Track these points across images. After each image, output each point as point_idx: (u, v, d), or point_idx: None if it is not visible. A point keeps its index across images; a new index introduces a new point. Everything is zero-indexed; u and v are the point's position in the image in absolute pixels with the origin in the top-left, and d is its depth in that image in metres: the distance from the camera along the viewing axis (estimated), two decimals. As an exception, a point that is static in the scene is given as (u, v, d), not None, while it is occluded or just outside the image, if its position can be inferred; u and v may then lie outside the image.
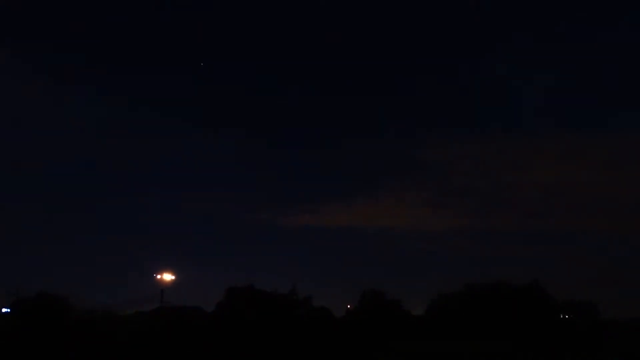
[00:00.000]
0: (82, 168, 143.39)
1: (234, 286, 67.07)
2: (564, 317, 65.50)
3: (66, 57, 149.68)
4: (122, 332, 52.83)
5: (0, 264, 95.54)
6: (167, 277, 68.90)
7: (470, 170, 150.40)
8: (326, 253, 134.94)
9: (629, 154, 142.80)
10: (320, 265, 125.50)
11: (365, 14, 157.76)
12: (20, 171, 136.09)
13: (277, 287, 66.02)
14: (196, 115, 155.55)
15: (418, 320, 65.03)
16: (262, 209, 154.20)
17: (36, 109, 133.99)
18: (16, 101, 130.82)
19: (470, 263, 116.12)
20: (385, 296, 68.10)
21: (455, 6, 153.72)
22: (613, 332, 68.41)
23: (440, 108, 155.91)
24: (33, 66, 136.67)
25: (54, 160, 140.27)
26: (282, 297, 65.67)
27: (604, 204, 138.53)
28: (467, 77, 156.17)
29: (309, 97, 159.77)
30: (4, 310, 61.91)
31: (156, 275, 69.83)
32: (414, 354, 50.23)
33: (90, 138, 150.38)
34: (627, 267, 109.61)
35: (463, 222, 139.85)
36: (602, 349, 59.45)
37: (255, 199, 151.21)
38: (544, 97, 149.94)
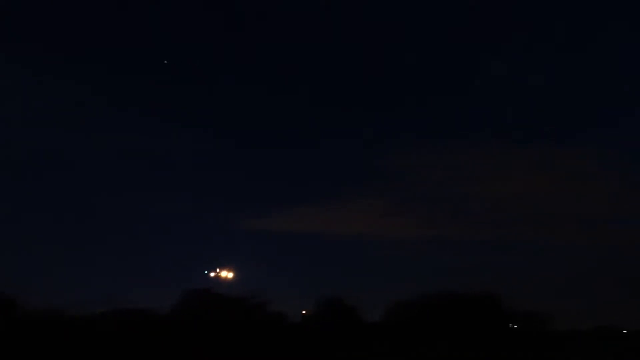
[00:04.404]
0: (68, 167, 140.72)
1: (190, 288, 66.66)
2: (512, 326, 66.39)
3: (65, 57, 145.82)
4: (66, 334, 52.06)
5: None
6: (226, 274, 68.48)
7: (438, 179, 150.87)
8: (291, 257, 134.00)
9: (598, 165, 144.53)
10: (285, 269, 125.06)
11: (355, 12, 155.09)
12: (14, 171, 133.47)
13: (239, 291, 66.06)
14: (168, 115, 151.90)
15: (371, 328, 65.31)
16: (227, 211, 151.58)
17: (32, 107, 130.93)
18: (15, 100, 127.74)
19: (434, 271, 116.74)
20: (342, 302, 68.09)
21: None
22: (567, 343, 69.47)
23: (408, 116, 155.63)
24: (32, 65, 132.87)
25: (47, 159, 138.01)
26: (239, 301, 65.43)
27: (571, 215, 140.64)
28: (449, 84, 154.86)
29: (278, 99, 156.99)
30: None
31: (209, 273, 68.87)
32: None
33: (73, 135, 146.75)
34: (588, 279, 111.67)
35: (429, 231, 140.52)
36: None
37: (221, 201, 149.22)
38: (517, 106, 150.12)
